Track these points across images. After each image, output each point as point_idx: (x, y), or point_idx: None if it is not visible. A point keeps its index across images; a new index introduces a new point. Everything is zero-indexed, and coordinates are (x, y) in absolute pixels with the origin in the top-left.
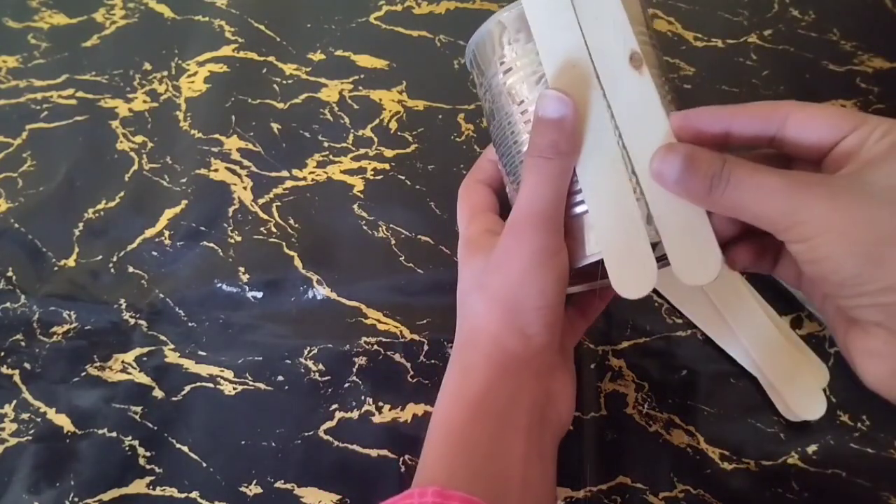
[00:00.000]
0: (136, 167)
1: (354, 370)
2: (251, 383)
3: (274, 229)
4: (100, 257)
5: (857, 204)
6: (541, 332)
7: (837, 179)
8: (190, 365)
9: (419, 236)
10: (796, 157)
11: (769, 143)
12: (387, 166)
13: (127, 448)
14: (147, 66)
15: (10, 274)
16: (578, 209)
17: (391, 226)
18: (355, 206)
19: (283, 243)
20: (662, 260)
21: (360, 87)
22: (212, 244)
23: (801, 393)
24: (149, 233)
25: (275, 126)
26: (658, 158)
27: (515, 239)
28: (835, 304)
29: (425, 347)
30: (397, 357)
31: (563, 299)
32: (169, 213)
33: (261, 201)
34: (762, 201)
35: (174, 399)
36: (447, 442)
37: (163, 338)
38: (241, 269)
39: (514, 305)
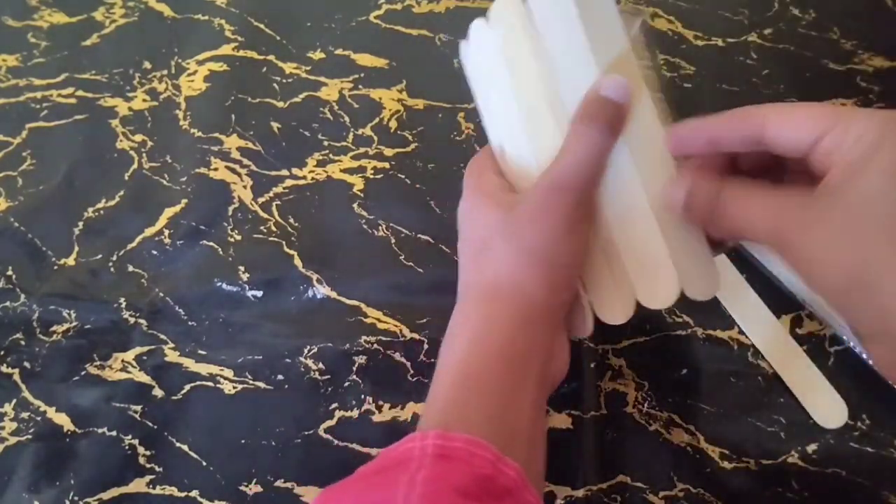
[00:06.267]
0: (135, 166)
1: (354, 369)
2: (251, 382)
3: (274, 228)
4: (100, 256)
5: (838, 227)
6: (565, 290)
7: (821, 199)
8: (190, 364)
9: (419, 235)
10: (786, 158)
11: (758, 146)
12: (387, 165)
13: (127, 447)
14: (147, 65)
15: (10, 273)
16: None
17: (391, 225)
18: (355, 205)
19: (283, 242)
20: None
21: (360, 86)
22: (212, 243)
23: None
24: (149, 232)
25: (275, 125)
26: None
27: (556, 197)
28: None
29: (425, 346)
30: (397, 356)
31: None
32: (169, 212)
33: (261, 200)
34: (751, 226)
35: (174, 398)
36: (462, 386)
37: (163, 337)
38: (241, 268)
39: (548, 260)
